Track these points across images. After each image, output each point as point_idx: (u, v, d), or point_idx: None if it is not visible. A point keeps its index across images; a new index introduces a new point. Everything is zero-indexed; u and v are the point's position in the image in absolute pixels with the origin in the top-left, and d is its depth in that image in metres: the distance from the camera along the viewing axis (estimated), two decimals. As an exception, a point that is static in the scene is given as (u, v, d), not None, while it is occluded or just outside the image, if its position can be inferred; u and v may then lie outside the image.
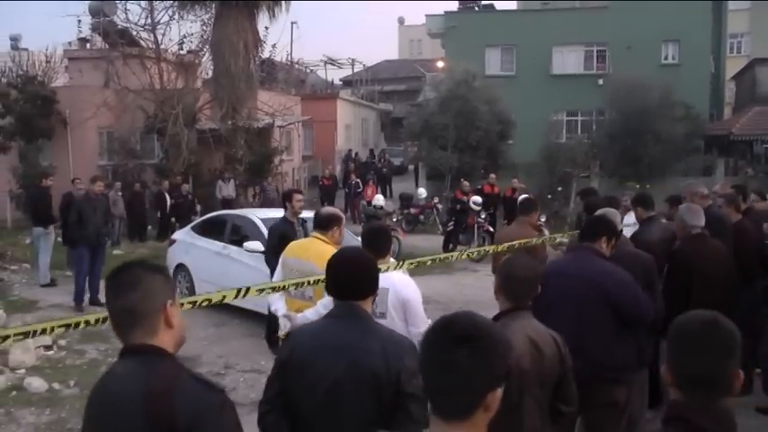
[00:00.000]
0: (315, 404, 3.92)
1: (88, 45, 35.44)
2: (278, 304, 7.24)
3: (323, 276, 4.33)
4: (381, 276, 6.02)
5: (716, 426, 2.65)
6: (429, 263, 8.30)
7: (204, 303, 5.58)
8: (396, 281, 6.01)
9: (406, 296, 5.90)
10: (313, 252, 7.07)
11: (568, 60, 44.23)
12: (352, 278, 4.13)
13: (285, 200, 11.36)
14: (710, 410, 2.68)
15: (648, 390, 7.56)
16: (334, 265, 4.22)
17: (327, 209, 8.30)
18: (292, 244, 7.98)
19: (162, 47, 31.45)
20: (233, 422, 2.95)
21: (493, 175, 28.19)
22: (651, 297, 6.45)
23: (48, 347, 11.84)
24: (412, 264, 7.14)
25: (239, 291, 5.74)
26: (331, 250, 5.79)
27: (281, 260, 7.72)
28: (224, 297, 5.84)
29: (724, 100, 50.68)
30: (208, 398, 2.91)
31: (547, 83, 42.46)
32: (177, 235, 17.39)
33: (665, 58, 42.87)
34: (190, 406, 2.83)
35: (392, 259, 6.42)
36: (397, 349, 3.95)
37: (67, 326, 5.18)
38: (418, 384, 3.33)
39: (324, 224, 7.47)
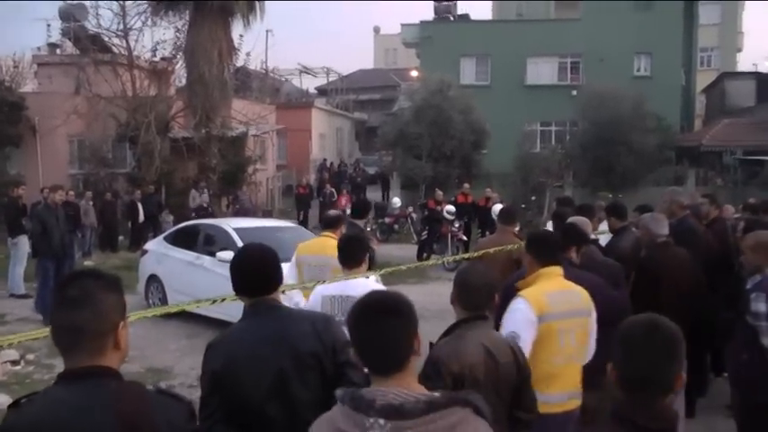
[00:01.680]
0: (262, 401, 3.94)
1: (58, 50, 35.20)
2: (298, 297, 7.68)
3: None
4: (356, 285, 6.02)
5: (656, 423, 2.76)
6: (404, 268, 8.40)
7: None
8: (372, 289, 5.97)
9: None
10: (329, 247, 7.79)
11: (542, 71, 44.52)
12: (261, 274, 4.17)
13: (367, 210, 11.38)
14: (651, 409, 2.79)
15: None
16: (241, 264, 4.21)
17: (333, 211, 10.17)
18: (306, 243, 9.32)
19: (134, 53, 31.31)
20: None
21: (467, 185, 28.17)
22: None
23: (15, 362, 11.58)
24: (385, 272, 7.33)
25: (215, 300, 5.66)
26: None
27: (294, 258, 8.75)
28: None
29: (694, 112, 51.26)
30: (180, 409, 2.88)
31: (521, 93, 42.71)
32: (149, 245, 17.26)
33: (638, 71, 43.38)
34: (171, 422, 2.78)
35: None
36: (325, 325, 4.14)
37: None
38: (351, 351, 3.74)
39: (333, 224, 8.84)
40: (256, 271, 4.17)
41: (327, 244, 8.21)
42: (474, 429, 2.75)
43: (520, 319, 5.25)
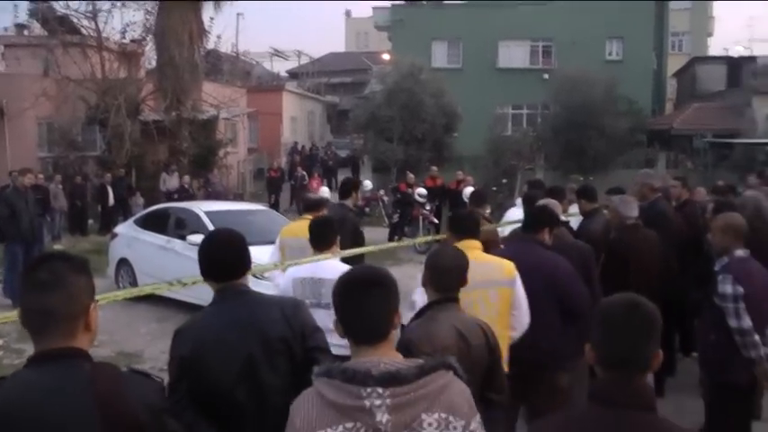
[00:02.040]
0: (231, 386, 3.93)
1: (26, 32, 34.82)
2: (279, 279, 7.54)
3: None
4: (327, 267, 6.02)
5: (636, 401, 2.78)
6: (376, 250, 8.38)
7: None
8: (341, 272, 5.96)
9: None
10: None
11: (514, 55, 44.50)
12: (230, 259, 4.16)
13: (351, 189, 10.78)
14: (631, 388, 2.80)
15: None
16: (209, 249, 4.20)
17: (315, 195, 10.68)
18: (288, 226, 9.59)
19: (104, 35, 30.90)
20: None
21: (434, 168, 28.16)
22: (590, 286, 6.58)
23: (-17, 347, 11.51)
24: (355, 253, 7.36)
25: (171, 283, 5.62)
26: None
27: (278, 240, 8.97)
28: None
29: (665, 96, 51.57)
30: (153, 388, 2.91)
31: (493, 76, 42.69)
32: (119, 229, 17.18)
33: (609, 55, 43.48)
34: (145, 399, 2.78)
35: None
36: (294, 310, 4.14)
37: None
38: (320, 336, 4.15)
39: (314, 207, 9.02)
40: (224, 256, 4.14)
41: (307, 226, 8.19)
42: (459, 390, 2.91)
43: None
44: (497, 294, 5.53)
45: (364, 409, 2.73)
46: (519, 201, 11.58)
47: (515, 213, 10.39)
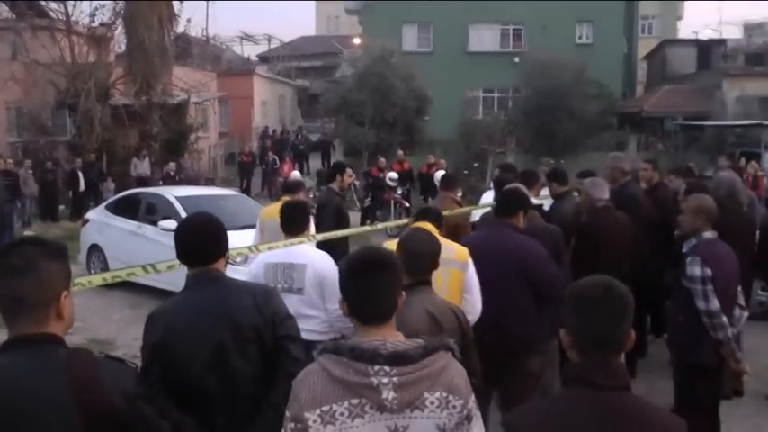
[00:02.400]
0: (201, 373, 3.94)
1: (-7, 15, 34.46)
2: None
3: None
4: (299, 252, 6.02)
5: (613, 381, 2.82)
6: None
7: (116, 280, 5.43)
8: (313, 257, 6.09)
9: (323, 272, 5.90)
10: None
11: (485, 38, 44.44)
12: (204, 244, 4.14)
13: (337, 173, 10.75)
14: (607, 368, 2.83)
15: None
16: (184, 234, 4.19)
17: (293, 178, 11.14)
18: (268, 207, 9.90)
19: (73, 19, 30.67)
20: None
21: (401, 152, 28.10)
22: (560, 269, 6.59)
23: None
24: (326, 237, 7.41)
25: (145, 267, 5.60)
26: None
27: (258, 222, 9.33)
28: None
29: (636, 79, 51.83)
30: (128, 373, 2.91)
31: (463, 60, 42.62)
32: (91, 214, 17.07)
33: (580, 38, 43.51)
34: (121, 386, 2.76)
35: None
36: (265, 298, 4.15)
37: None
38: (291, 324, 4.20)
39: (292, 189, 9.36)
40: (199, 241, 4.13)
41: None
42: (458, 370, 3.03)
43: None
44: (447, 273, 5.53)
45: (371, 386, 2.80)
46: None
47: (490, 197, 10.44)
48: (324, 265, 5.99)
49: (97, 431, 2.63)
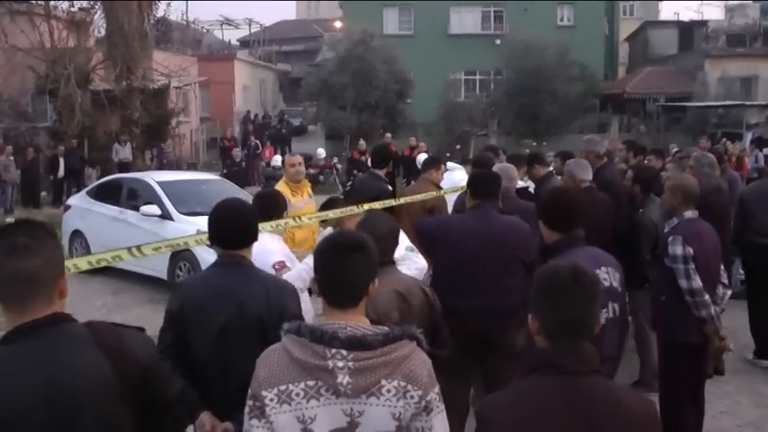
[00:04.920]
0: (206, 348, 4.14)
1: (-30, 0, 34.16)
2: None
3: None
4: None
5: (585, 366, 2.81)
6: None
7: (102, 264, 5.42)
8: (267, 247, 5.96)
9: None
10: None
11: (466, 20, 44.46)
12: (235, 229, 4.32)
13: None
14: (577, 353, 2.83)
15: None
16: (217, 217, 4.36)
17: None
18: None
19: (52, 3, 30.38)
20: None
21: (388, 135, 28.17)
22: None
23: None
24: (311, 218, 7.43)
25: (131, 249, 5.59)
26: None
27: None
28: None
29: (618, 60, 52.01)
30: (146, 338, 2.97)
31: (445, 42, 42.62)
32: (72, 200, 17.00)
33: (561, 20, 43.59)
34: (143, 349, 2.85)
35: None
36: (279, 293, 4.23)
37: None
38: None
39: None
40: (230, 225, 4.32)
41: None
42: (420, 360, 2.98)
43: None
44: None
45: (327, 369, 2.81)
46: (450, 164, 11.65)
47: (452, 177, 10.51)
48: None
49: (130, 392, 2.70)
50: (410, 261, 5.81)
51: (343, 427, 2.87)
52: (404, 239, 5.74)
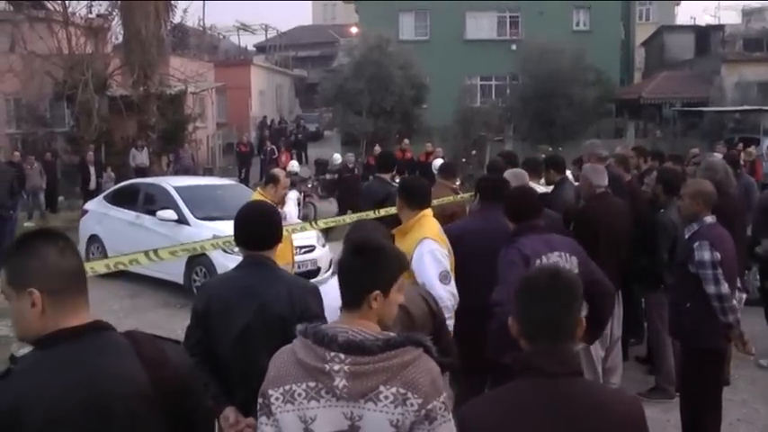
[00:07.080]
0: (229, 347, 4.24)
1: (-9, 7, 34.36)
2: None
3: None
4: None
5: (564, 368, 2.81)
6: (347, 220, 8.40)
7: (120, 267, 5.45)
8: None
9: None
10: None
11: (482, 25, 44.46)
12: (259, 231, 4.44)
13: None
14: (557, 355, 2.83)
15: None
16: (243, 219, 4.48)
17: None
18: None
19: (70, 10, 30.48)
20: None
21: (406, 141, 28.24)
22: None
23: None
24: (326, 223, 7.44)
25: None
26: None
27: None
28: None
29: (634, 65, 51.86)
30: (181, 348, 3.08)
31: (461, 48, 42.61)
32: (89, 205, 17.06)
33: (577, 25, 43.52)
34: (179, 358, 2.87)
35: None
36: (302, 293, 4.28)
37: None
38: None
39: (270, 180, 9.15)
40: (255, 227, 4.44)
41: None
42: (426, 367, 2.93)
43: (440, 257, 5.54)
44: None
45: (324, 371, 2.85)
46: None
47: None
48: None
49: (167, 402, 2.71)
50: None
51: (345, 430, 2.89)
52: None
